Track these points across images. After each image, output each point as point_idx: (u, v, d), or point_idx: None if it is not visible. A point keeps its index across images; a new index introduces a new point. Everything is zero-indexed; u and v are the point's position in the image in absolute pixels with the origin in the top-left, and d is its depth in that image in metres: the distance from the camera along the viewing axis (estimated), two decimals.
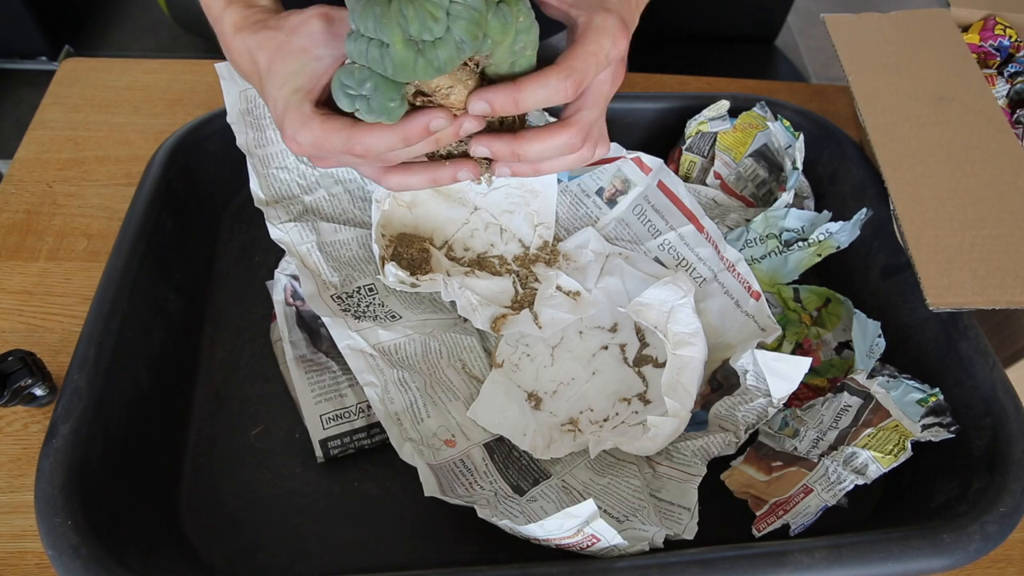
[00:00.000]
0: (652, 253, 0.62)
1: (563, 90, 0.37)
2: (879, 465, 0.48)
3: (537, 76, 0.37)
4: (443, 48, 0.33)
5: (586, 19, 0.38)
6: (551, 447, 0.52)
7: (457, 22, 0.33)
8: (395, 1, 0.32)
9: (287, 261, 0.57)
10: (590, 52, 0.37)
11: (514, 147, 0.39)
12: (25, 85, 1.73)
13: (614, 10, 0.39)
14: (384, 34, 0.33)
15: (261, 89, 0.41)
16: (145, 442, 0.49)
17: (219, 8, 0.42)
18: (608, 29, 0.38)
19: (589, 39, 0.37)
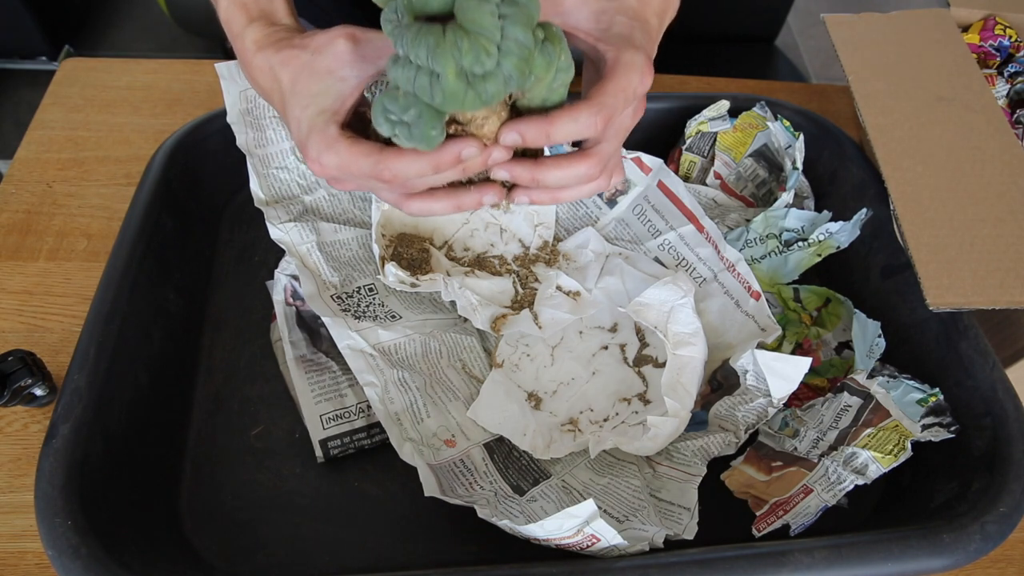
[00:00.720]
0: (652, 253, 0.62)
1: (593, 125, 0.37)
2: (879, 465, 0.48)
3: (569, 111, 0.37)
4: (492, 82, 0.34)
5: (615, 54, 0.39)
6: (551, 447, 0.52)
7: (508, 57, 0.34)
8: (450, 32, 0.33)
9: (287, 261, 0.57)
10: (619, 88, 0.38)
11: (535, 173, 0.39)
12: (25, 85, 1.73)
13: (641, 48, 0.39)
14: (437, 64, 0.33)
15: (282, 108, 0.41)
16: (145, 442, 0.49)
17: (240, 25, 0.42)
18: (636, 66, 0.38)
19: (619, 75, 0.38)
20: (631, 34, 0.40)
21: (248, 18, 0.42)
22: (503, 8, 0.33)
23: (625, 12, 0.40)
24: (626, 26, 0.40)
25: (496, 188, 0.40)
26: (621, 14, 0.40)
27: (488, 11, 0.33)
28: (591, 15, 0.40)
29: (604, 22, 0.40)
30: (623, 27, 0.40)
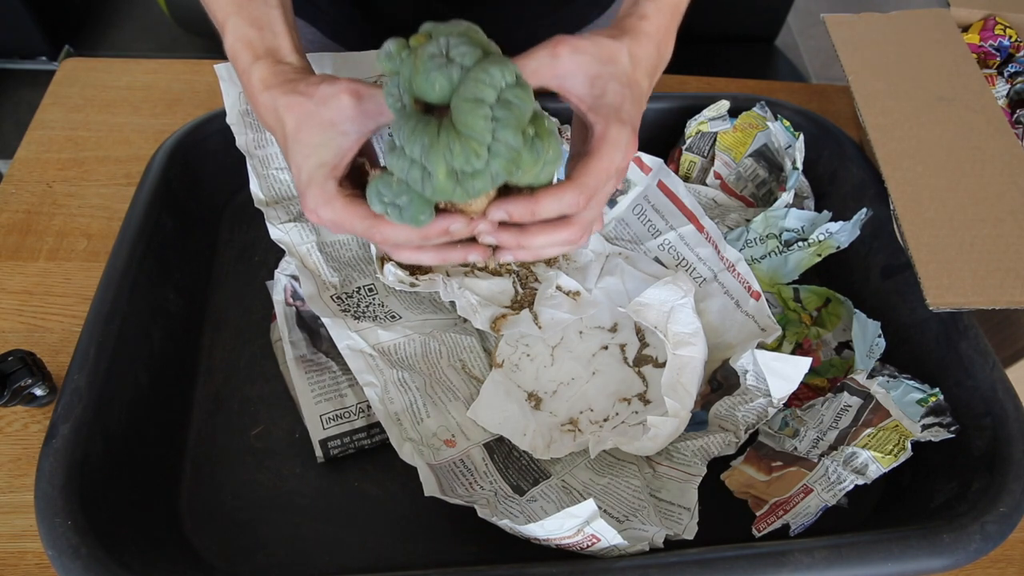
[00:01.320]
0: (652, 253, 0.62)
1: (576, 204, 0.39)
2: (879, 465, 0.48)
3: (554, 192, 0.39)
4: (480, 180, 0.36)
5: (602, 129, 0.40)
6: (551, 447, 0.52)
7: (496, 159, 0.36)
8: (443, 134, 0.35)
9: (287, 261, 0.57)
10: (603, 168, 0.39)
11: (520, 240, 0.41)
12: (25, 85, 1.73)
13: (628, 121, 0.40)
14: (430, 163, 0.35)
15: (284, 150, 0.42)
16: (145, 442, 0.49)
17: (246, 62, 0.43)
18: (621, 144, 0.40)
19: (603, 153, 0.39)
20: (621, 105, 0.40)
21: (254, 55, 0.43)
22: (497, 111, 0.35)
23: (618, 78, 0.41)
24: (618, 95, 0.40)
25: (482, 249, 0.43)
26: (615, 80, 0.41)
27: (481, 115, 0.34)
28: (586, 80, 0.40)
29: (598, 88, 0.40)
30: (615, 96, 0.40)
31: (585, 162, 0.40)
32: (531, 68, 0.40)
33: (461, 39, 0.35)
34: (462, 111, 0.35)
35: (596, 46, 0.40)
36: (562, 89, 0.41)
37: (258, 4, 0.44)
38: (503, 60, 0.35)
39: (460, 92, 0.35)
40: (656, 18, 0.43)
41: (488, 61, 0.35)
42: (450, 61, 0.35)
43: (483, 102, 0.34)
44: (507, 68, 0.35)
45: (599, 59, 0.40)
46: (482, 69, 0.34)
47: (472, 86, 0.34)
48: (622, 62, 0.41)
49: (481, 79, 0.34)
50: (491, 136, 0.35)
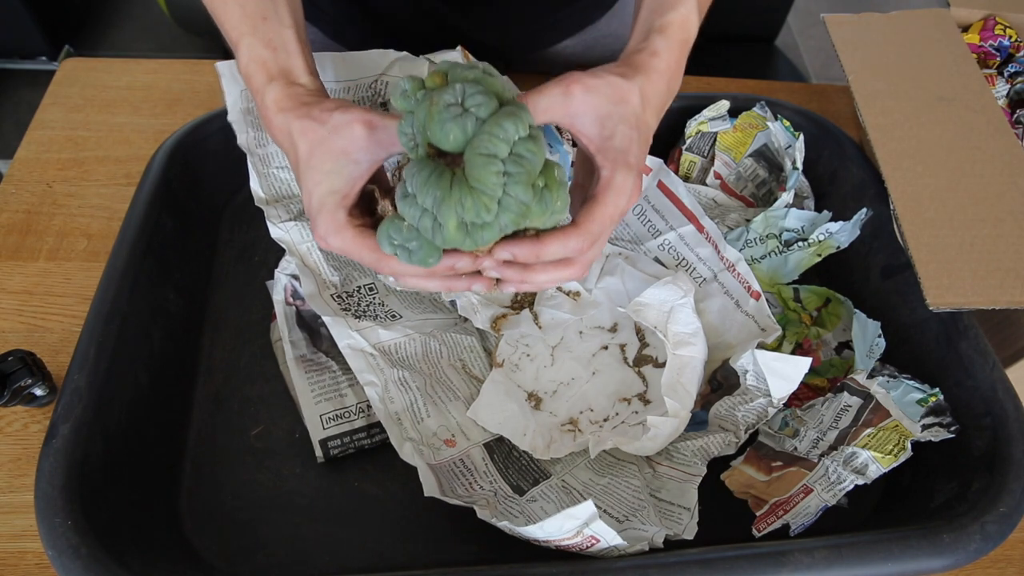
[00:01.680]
0: (652, 253, 0.62)
1: (580, 249, 0.40)
2: (879, 465, 0.48)
3: (559, 237, 0.40)
4: (489, 231, 0.37)
5: (609, 174, 0.40)
6: (551, 447, 0.52)
7: (506, 213, 0.37)
8: (455, 188, 0.36)
9: (287, 261, 0.57)
10: (608, 214, 0.40)
11: (523, 276, 0.42)
12: (25, 85, 1.73)
13: (634, 165, 0.41)
14: (441, 215, 0.36)
15: (296, 173, 0.42)
16: (145, 442, 0.49)
17: (260, 82, 0.43)
18: (626, 190, 0.40)
19: (608, 200, 0.40)
20: (629, 148, 0.41)
21: (268, 76, 0.43)
22: (509, 166, 0.35)
23: (628, 120, 0.41)
24: (626, 138, 0.41)
25: (486, 280, 0.43)
26: (624, 123, 0.41)
27: (494, 171, 0.35)
28: (596, 120, 0.41)
29: (608, 129, 0.41)
30: (623, 139, 0.41)
31: (591, 208, 0.40)
32: (543, 105, 0.40)
33: (477, 87, 0.35)
34: (475, 165, 0.35)
35: (608, 86, 0.41)
36: (572, 128, 0.41)
37: (272, 24, 0.44)
38: (517, 112, 0.35)
39: (474, 146, 0.35)
40: (667, 54, 0.43)
41: (502, 115, 0.35)
42: (465, 111, 0.35)
43: (496, 157, 0.35)
44: (520, 122, 0.35)
45: (610, 99, 0.41)
46: (496, 123, 0.35)
47: (486, 140, 0.35)
48: (633, 102, 0.41)
49: (495, 134, 0.35)
50: (502, 191, 0.36)
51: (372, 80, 0.61)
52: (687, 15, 0.45)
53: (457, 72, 0.37)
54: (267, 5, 0.44)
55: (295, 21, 0.45)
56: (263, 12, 0.44)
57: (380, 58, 0.61)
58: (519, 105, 0.36)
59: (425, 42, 0.64)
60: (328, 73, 0.59)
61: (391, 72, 0.61)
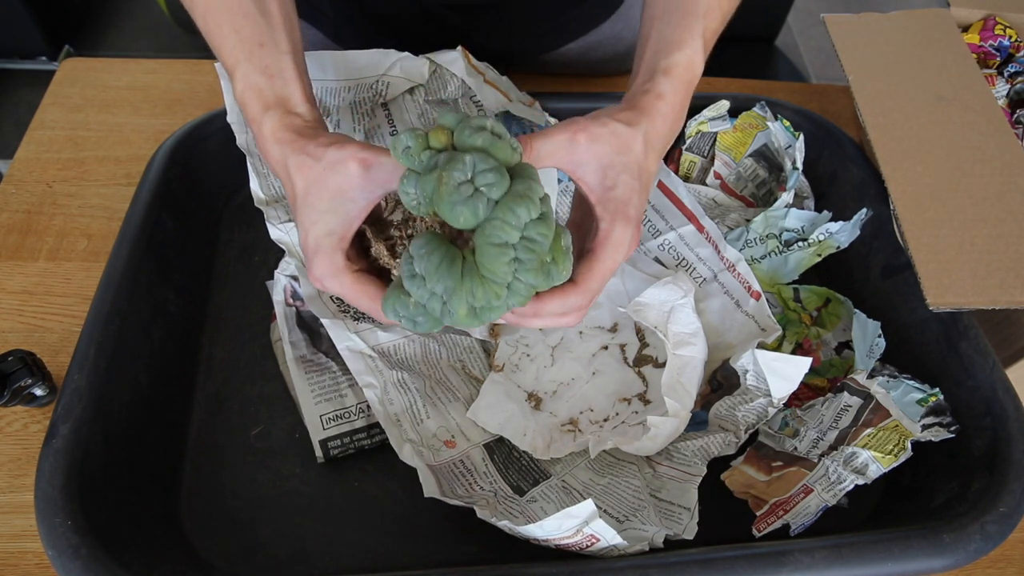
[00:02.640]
0: (652, 253, 0.62)
1: (579, 306, 0.41)
2: (879, 465, 0.48)
3: (559, 297, 0.40)
4: (496, 312, 0.38)
5: (607, 227, 0.40)
6: (551, 447, 0.52)
7: (514, 296, 0.37)
8: (466, 279, 0.36)
9: (287, 261, 0.57)
10: (606, 269, 0.41)
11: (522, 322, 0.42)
12: (25, 85, 1.73)
13: (634, 217, 0.41)
14: (451, 303, 0.37)
15: (293, 209, 0.42)
16: (145, 442, 0.49)
17: (257, 111, 0.43)
18: (624, 244, 0.41)
19: (607, 254, 0.41)
20: (629, 200, 0.41)
21: (264, 105, 0.43)
22: (520, 252, 0.36)
23: (630, 169, 0.41)
24: (627, 189, 0.41)
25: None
26: (626, 172, 0.41)
27: (505, 260, 0.36)
28: (599, 169, 0.40)
29: (610, 179, 0.41)
30: (624, 191, 0.41)
31: (590, 264, 0.41)
32: (547, 151, 0.40)
33: (488, 163, 0.35)
34: (487, 255, 0.35)
35: (613, 135, 0.40)
36: (574, 175, 0.41)
37: (269, 50, 0.43)
38: (528, 193, 0.35)
39: (486, 233, 0.35)
40: (672, 97, 0.43)
41: (514, 198, 0.35)
42: (476, 191, 0.35)
43: (507, 245, 0.35)
44: (532, 204, 0.35)
45: (615, 148, 0.40)
46: (508, 209, 0.35)
47: (498, 228, 0.35)
48: (636, 151, 0.41)
49: (507, 220, 0.35)
50: (512, 277, 0.36)
51: (373, 80, 0.61)
52: (692, 56, 0.45)
53: (465, 134, 0.36)
54: (263, 31, 0.43)
55: (292, 46, 0.44)
56: (259, 38, 0.43)
57: (381, 58, 0.61)
58: (527, 177, 0.36)
59: (426, 43, 0.64)
60: (329, 73, 0.60)
61: (392, 72, 0.61)
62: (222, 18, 0.44)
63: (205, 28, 0.45)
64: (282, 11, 0.45)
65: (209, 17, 0.44)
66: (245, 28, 0.43)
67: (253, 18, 0.43)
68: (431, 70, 0.62)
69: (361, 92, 0.61)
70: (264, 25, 0.44)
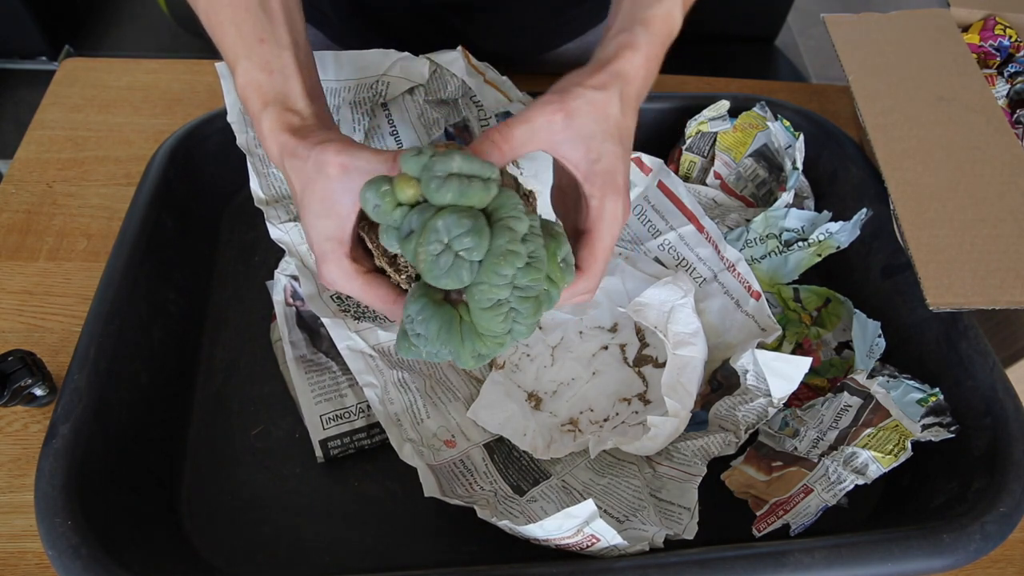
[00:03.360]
0: (652, 253, 0.62)
1: (589, 290, 0.42)
2: (879, 465, 0.48)
3: (570, 291, 0.41)
4: (505, 348, 0.38)
5: (599, 203, 0.40)
6: (551, 447, 0.52)
7: (520, 335, 0.37)
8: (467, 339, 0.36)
9: (287, 261, 0.57)
10: (605, 247, 0.41)
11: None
12: (25, 85, 1.73)
13: (622, 187, 0.41)
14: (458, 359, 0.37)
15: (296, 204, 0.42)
16: (145, 442, 0.49)
17: (256, 107, 0.43)
18: (618, 217, 0.41)
19: (603, 233, 0.41)
20: (615, 168, 0.40)
21: (263, 101, 0.42)
22: (514, 303, 0.36)
23: (611, 135, 0.40)
24: (611, 158, 0.40)
25: None
26: (609, 140, 0.40)
27: (500, 319, 0.35)
28: (581, 143, 0.40)
29: (594, 152, 0.40)
30: (609, 160, 0.40)
31: (590, 248, 0.41)
32: (526, 137, 0.39)
33: (462, 225, 0.33)
34: (481, 318, 0.35)
35: (589, 105, 0.40)
36: (558, 155, 0.41)
37: (269, 46, 0.43)
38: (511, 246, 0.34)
39: (475, 297, 0.35)
40: (647, 49, 0.42)
41: (495, 259, 0.34)
42: (457, 256, 0.34)
43: (499, 304, 0.35)
44: (517, 256, 0.34)
45: (593, 118, 0.40)
46: (493, 271, 0.34)
47: (485, 292, 0.35)
48: (613, 114, 0.41)
49: (494, 283, 0.34)
50: (512, 323, 0.36)
51: (373, 80, 0.61)
52: (671, 10, 0.44)
53: (431, 188, 0.34)
54: (264, 26, 0.43)
55: (294, 41, 0.44)
56: (260, 34, 0.43)
57: (381, 58, 0.61)
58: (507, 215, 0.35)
59: (426, 43, 0.64)
60: (329, 73, 0.59)
61: (392, 72, 0.61)
62: (223, 13, 0.44)
63: (207, 23, 0.45)
64: (283, 5, 0.44)
65: (211, 12, 0.44)
66: (246, 23, 0.43)
67: (254, 13, 0.43)
68: (431, 70, 0.62)
69: (361, 92, 0.61)
70: (265, 20, 0.43)
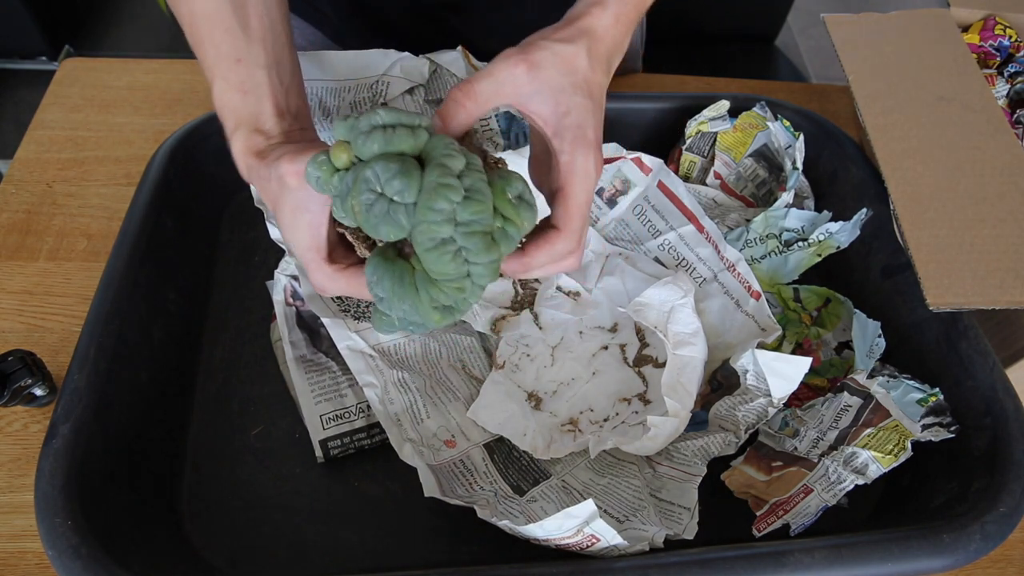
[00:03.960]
0: (652, 253, 0.62)
1: (570, 250, 0.40)
2: (879, 465, 0.48)
3: (544, 247, 0.39)
4: (472, 295, 0.36)
5: (569, 158, 0.39)
6: (551, 447, 0.52)
7: (480, 279, 0.36)
8: (421, 289, 0.35)
9: (287, 261, 0.57)
10: (581, 203, 0.39)
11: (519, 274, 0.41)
12: (25, 85, 1.73)
13: (593, 141, 0.39)
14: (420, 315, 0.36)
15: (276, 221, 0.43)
16: (145, 442, 0.49)
17: (229, 128, 0.43)
18: (590, 172, 0.39)
19: (576, 188, 0.39)
20: (585, 122, 0.39)
21: (235, 122, 0.43)
22: (460, 240, 0.34)
23: (580, 88, 0.39)
24: (581, 111, 0.39)
25: None
26: (578, 93, 0.39)
27: (448, 258, 0.34)
28: (550, 96, 0.39)
29: (563, 105, 0.39)
30: (579, 113, 0.39)
31: (564, 205, 0.39)
32: (490, 90, 0.39)
33: (390, 169, 0.33)
34: (428, 261, 0.34)
35: (555, 56, 0.39)
36: (524, 109, 0.40)
37: (245, 66, 0.43)
38: (444, 179, 0.33)
39: (417, 241, 0.34)
40: (617, 7, 0.41)
41: (428, 195, 0.33)
42: (391, 202, 0.33)
43: (444, 243, 0.33)
44: (452, 190, 0.33)
45: (560, 71, 0.39)
46: (428, 208, 0.33)
47: (424, 231, 0.33)
48: (581, 67, 0.39)
49: (430, 220, 0.33)
50: (467, 266, 0.34)
51: (373, 81, 0.61)
52: None
53: (359, 143, 0.34)
54: (240, 45, 0.43)
55: (270, 59, 0.44)
56: (237, 53, 0.43)
57: (381, 58, 0.61)
58: (441, 154, 0.34)
59: (426, 43, 0.64)
60: (329, 73, 0.60)
61: (392, 72, 0.61)
62: (203, 31, 0.44)
63: (189, 38, 0.45)
64: (262, 22, 0.44)
65: (192, 30, 0.44)
66: (224, 43, 0.43)
67: (232, 32, 0.43)
68: (431, 70, 0.62)
69: (361, 92, 0.61)
70: (242, 39, 0.43)
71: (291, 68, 0.46)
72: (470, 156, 0.35)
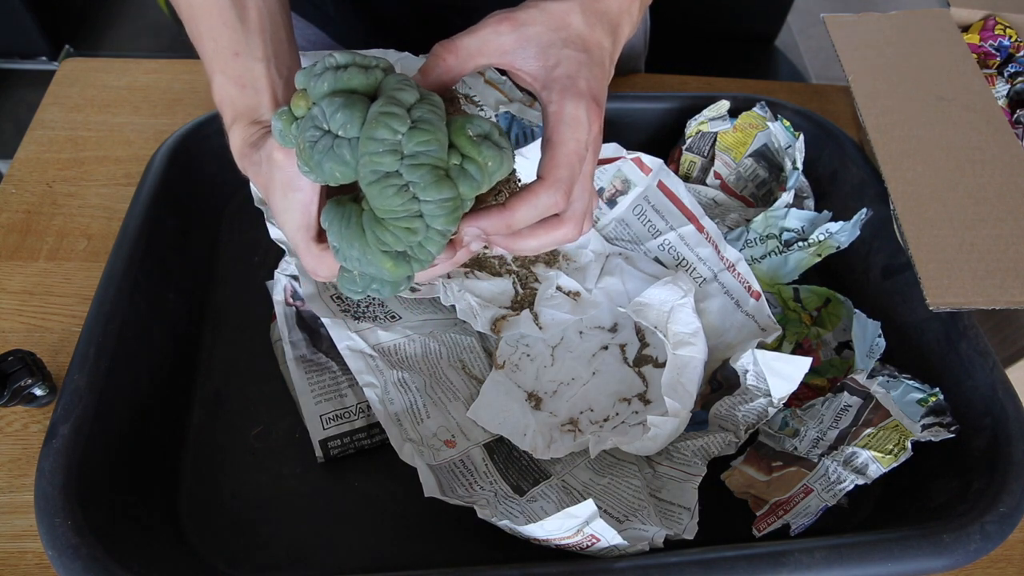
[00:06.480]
0: (652, 253, 0.62)
1: (556, 203, 0.36)
2: (879, 465, 0.48)
3: (526, 198, 0.36)
4: (431, 244, 0.33)
5: (557, 108, 0.37)
6: (551, 447, 0.52)
7: (436, 219, 0.32)
8: (368, 230, 0.32)
9: (287, 261, 0.57)
10: (568, 153, 0.36)
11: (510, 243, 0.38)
12: (25, 85, 1.73)
13: (585, 91, 0.37)
14: (373, 265, 0.33)
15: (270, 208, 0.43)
16: (145, 442, 0.49)
17: (227, 122, 0.44)
18: (580, 120, 0.36)
19: (565, 136, 0.36)
20: (576, 74, 0.37)
21: (233, 116, 0.43)
22: (406, 174, 0.31)
23: (572, 43, 0.37)
24: (572, 63, 0.37)
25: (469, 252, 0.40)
26: (569, 46, 0.37)
27: (392, 192, 0.31)
28: (537, 52, 0.37)
29: (551, 58, 0.37)
30: (569, 65, 0.37)
31: (549, 153, 0.36)
32: (475, 46, 0.37)
33: (335, 102, 0.31)
34: (371, 196, 0.31)
35: (543, 13, 0.37)
36: (511, 67, 0.38)
37: (243, 60, 0.43)
38: (387, 106, 0.30)
39: (361, 175, 0.31)
40: None
41: (372, 122, 0.30)
42: (336, 138, 0.31)
43: (387, 177, 0.31)
44: (396, 118, 0.30)
45: (549, 27, 0.37)
46: (369, 138, 0.30)
47: (366, 163, 0.30)
48: (574, 24, 0.37)
49: (373, 151, 0.30)
50: (416, 204, 0.31)
51: None
52: None
53: (312, 86, 0.32)
54: (239, 39, 0.43)
55: (268, 52, 0.43)
56: (235, 47, 0.43)
57: None
58: (392, 88, 0.31)
59: (426, 43, 0.63)
60: None
61: None
62: (202, 25, 0.44)
63: (189, 32, 0.45)
64: (261, 15, 0.44)
65: (192, 24, 0.44)
66: (223, 36, 0.43)
67: (231, 25, 0.43)
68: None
69: None
70: (241, 32, 0.43)
71: (290, 61, 0.46)
72: (428, 94, 0.33)
